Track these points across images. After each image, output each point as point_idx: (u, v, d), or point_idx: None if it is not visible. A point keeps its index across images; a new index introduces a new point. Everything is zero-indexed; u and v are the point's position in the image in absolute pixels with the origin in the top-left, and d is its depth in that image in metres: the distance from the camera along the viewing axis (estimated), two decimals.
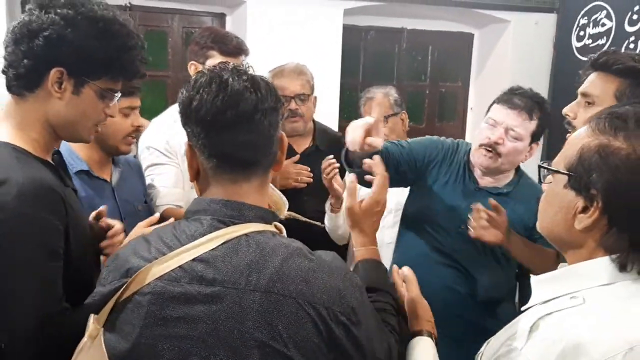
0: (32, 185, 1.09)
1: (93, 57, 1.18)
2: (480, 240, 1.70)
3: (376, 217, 1.30)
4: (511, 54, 3.86)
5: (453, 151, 1.91)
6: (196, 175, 1.04)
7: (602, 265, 0.89)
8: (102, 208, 1.49)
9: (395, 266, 1.36)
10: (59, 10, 1.15)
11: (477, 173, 1.85)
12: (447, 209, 1.84)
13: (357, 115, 3.83)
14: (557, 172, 0.94)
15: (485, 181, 1.84)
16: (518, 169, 1.90)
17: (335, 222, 2.25)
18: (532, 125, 1.76)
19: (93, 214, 1.48)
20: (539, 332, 0.86)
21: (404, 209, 2.00)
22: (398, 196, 2.10)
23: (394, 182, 1.88)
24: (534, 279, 0.97)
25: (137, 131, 1.84)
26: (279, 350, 0.90)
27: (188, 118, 0.99)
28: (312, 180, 2.26)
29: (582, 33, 3.62)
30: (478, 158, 1.79)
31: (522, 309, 0.96)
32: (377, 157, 1.42)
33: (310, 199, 2.25)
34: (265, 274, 0.92)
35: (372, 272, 1.23)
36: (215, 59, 2.11)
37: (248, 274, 0.92)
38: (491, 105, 1.83)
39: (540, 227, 0.99)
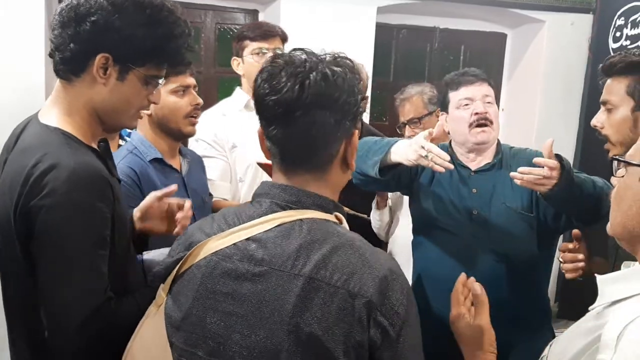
0: (82, 170, 1.08)
1: (139, 44, 1.16)
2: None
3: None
4: (545, 55, 3.78)
5: None
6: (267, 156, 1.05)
7: None
8: (173, 187, 1.47)
9: (463, 275, 1.27)
10: None
11: (466, 159, 1.88)
12: (454, 200, 1.84)
13: (389, 115, 3.84)
14: (632, 164, 0.89)
15: (476, 163, 1.86)
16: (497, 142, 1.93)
17: (380, 218, 2.39)
18: (492, 89, 1.89)
19: (158, 193, 1.44)
20: (627, 338, 0.80)
21: (411, 216, 1.99)
22: None
23: (392, 188, 2.00)
24: (600, 279, 0.92)
25: (197, 109, 1.81)
26: (315, 338, 0.88)
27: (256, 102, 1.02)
28: None
29: (618, 34, 3.53)
30: (475, 137, 1.82)
31: (589, 308, 0.92)
32: None
33: (356, 193, 2.30)
34: (312, 261, 0.91)
35: None
36: (249, 47, 2.22)
37: (295, 259, 0.92)
38: (446, 95, 1.89)
39: (612, 224, 0.94)
